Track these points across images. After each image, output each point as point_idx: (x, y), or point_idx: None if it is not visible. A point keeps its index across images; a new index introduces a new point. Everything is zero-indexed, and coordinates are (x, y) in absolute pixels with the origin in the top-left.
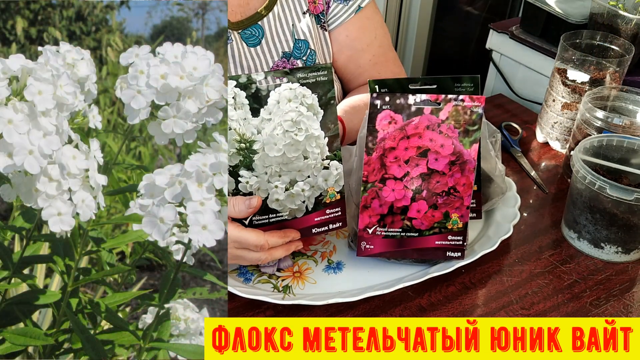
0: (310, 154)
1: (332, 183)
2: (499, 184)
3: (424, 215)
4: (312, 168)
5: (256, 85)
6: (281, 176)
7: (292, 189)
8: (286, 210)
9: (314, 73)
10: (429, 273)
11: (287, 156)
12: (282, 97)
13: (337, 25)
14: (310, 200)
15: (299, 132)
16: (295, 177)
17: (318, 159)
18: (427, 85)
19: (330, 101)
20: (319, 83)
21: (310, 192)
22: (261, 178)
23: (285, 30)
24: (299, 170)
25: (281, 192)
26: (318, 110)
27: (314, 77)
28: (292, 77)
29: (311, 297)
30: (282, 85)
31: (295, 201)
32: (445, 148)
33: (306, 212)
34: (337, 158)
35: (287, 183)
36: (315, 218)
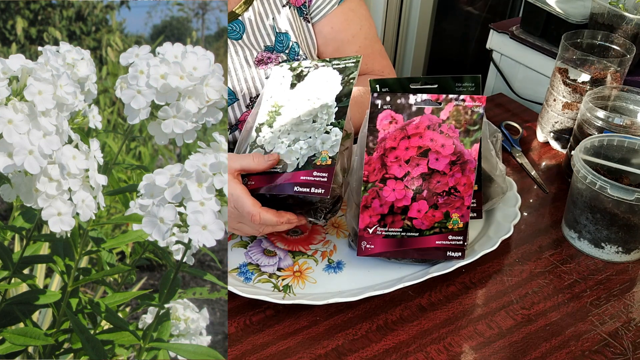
0: (318, 119)
1: (328, 147)
2: (499, 184)
3: (424, 215)
4: (316, 131)
5: (302, 68)
6: (289, 134)
7: (293, 146)
8: (281, 164)
9: (345, 60)
10: (429, 273)
11: (301, 118)
12: (317, 76)
13: (320, 17)
14: (303, 158)
15: (316, 100)
16: (299, 137)
17: (323, 124)
18: (428, 85)
19: (351, 80)
20: (346, 67)
21: (306, 151)
22: (274, 134)
23: (266, 24)
24: (304, 131)
25: (284, 147)
26: (338, 85)
27: (345, 63)
28: (329, 64)
29: (311, 296)
30: (320, 69)
31: (292, 157)
32: (446, 148)
33: (295, 168)
34: (339, 125)
35: (291, 140)
36: (301, 176)
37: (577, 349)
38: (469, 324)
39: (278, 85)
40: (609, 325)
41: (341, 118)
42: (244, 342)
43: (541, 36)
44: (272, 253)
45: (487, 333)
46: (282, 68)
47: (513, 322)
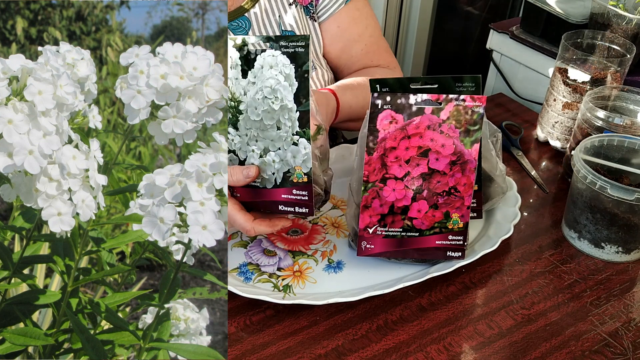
0: (282, 125)
1: (300, 162)
2: (499, 184)
3: (424, 215)
4: (283, 140)
5: (247, 48)
6: (257, 141)
7: (265, 157)
8: (259, 178)
9: (293, 43)
10: (429, 273)
11: (264, 123)
12: (266, 62)
13: (327, 16)
14: (279, 174)
15: (275, 100)
16: (268, 146)
17: (289, 132)
18: (428, 85)
19: (305, 74)
20: (296, 54)
21: (279, 165)
22: (242, 139)
23: (272, 21)
24: (271, 140)
25: (256, 157)
26: (293, 81)
27: (293, 47)
28: (276, 45)
29: (311, 296)
30: (266, 51)
31: (267, 170)
32: (446, 148)
33: (275, 185)
34: (305, 136)
35: (261, 150)
36: (282, 195)
37: (577, 349)
38: (469, 324)
39: (228, 69)
40: (609, 325)
41: (305, 126)
42: (244, 342)
43: (541, 36)
44: (272, 253)
45: (487, 333)
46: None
47: (513, 322)
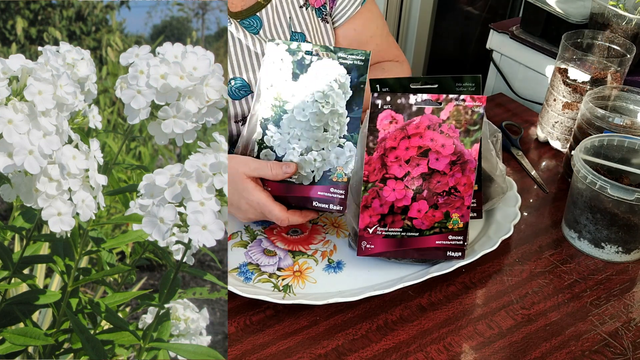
0: (330, 128)
1: (343, 163)
2: (499, 184)
3: (424, 215)
4: (329, 142)
5: (302, 54)
6: (300, 140)
7: (306, 155)
8: (296, 174)
9: (352, 56)
10: (430, 273)
11: (310, 124)
12: (321, 69)
13: (345, 20)
14: (318, 172)
15: (326, 105)
16: (312, 146)
17: (336, 135)
18: (429, 85)
19: (360, 85)
20: (354, 66)
21: (320, 164)
22: (284, 137)
23: (283, 22)
24: (316, 140)
25: (296, 155)
26: (348, 90)
27: (352, 59)
28: (334, 55)
29: (311, 296)
30: (324, 60)
31: (306, 168)
32: (446, 148)
33: (312, 182)
34: (352, 140)
35: (303, 148)
36: (319, 191)
37: (577, 349)
38: (469, 324)
39: (277, 71)
40: (609, 325)
41: (354, 131)
42: (244, 342)
43: (541, 36)
44: (272, 253)
45: (487, 333)
46: (279, 47)
47: (513, 322)
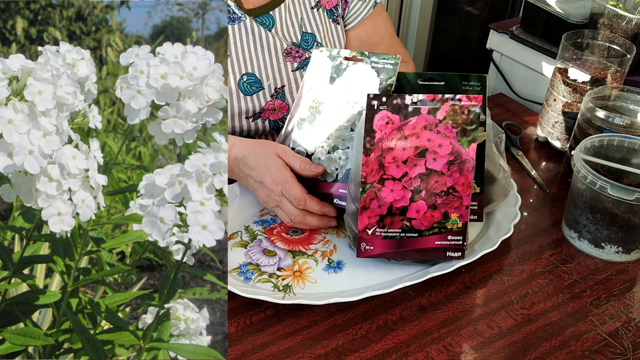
0: (357, 128)
1: None
2: (502, 186)
3: (423, 216)
4: (354, 141)
5: (341, 59)
6: (328, 139)
7: (332, 153)
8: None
9: (384, 60)
10: (430, 273)
11: (340, 123)
12: (355, 73)
13: (358, 22)
14: (342, 170)
15: (355, 105)
16: (338, 144)
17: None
18: (435, 81)
19: (388, 87)
20: (385, 69)
21: (344, 162)
22: (315, 136)
23: (294, 22)
24: (343, 139)
25: (324, 153)
26: (376, 91)
27: (383, 64)
28: (367, 59)
29: (311, 296)
30: (358, 64)
31: (332, 166)
32: (443, 148)
33: (335, 179)
34: None
35: (330, 147)
36: (340, 189)
37: (577, 349)
38: (469, 324)
39: (318, 75)
40: (609, 325)
41: None
42: (244, 342)
43: (541, 36)
44: (272, 253)
45: (487, 333)
46: (322, 54)
47: (513, 322)
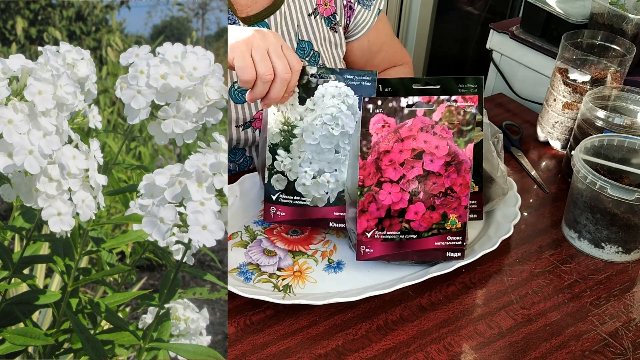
0: (341, 150)
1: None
2: (500, 185)
3: (422, 217)
4: (341, 163)
5: (308, 78)
6: (312, 163)
7: (319, 177)
8: (310, 197)
9: (359, 77)
10: (429, 273)
11: (321, 146)
12: (328, 92)
13: (363, 33)
14: (333, 193)
15: (335, 126)
16: (324, 168)
17: (348, 156)
18: (430, 85)
19: None
20: (362, 86)
21: (334, 186)
22: (294, 160)
23: (290, 30)
24: (328, 162)
25: (308, 178)
26: (356, 111)
27: (359, 81)
28: (340, 77)
29: (311, 296)
30: (329, 82)
31: (320, 190)
32: (440, 149)
33: (327, 203)
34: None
35: (315, 171)
36: (334, 212)
37: (577, 349)
38: (469, 324)
39: None
40: (609, 325)
41: None
42: (244, 342)
43: (541, 36)
44: (272, 253)
45: (487, 333)
46: None
47: (513, 322)
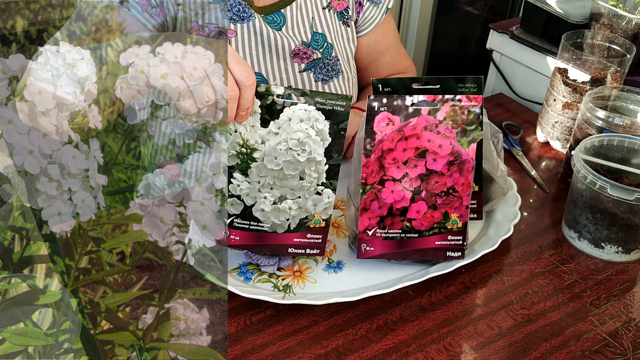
0: (307, 176)
1: (321, 210)
2: (500, 185)
3: (423, 216)
4: (305, 190)
5: (273, 98)
6: (272, 189)
7: (279, 204)
8: (268, 223)
9: (332, 101)
10: (430, 273)
11: (284, 172)
12: (295, 115)
13: (372, 29)
14: (294, 220)
15: (302, 152)
16: (286, 194)
17: (313, 183)
18: (430, 85)
19: (341, 132)
20: (335, 112)
21: (296, 212)
22: (253, 185)
23: (305, 21)
24: (291, 189)
25: (268, 204)
26: (326, 137)
27: (332, 105)
28: (310, 100)
29: (311, 296)
30: (298, 105)
31: (280, 217)
32: (443, 148)
33: (288, 230)
34: (332, 187)
35: (276, 197)
36: (294, 238)
37: (577, 349)
38: (469, 324)
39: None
40: (609, 325)
41: (333, 178)
42: (244, 342)
43: (541, 36)
44: None
45: (487, 333)
46: None
47: (513, 322)
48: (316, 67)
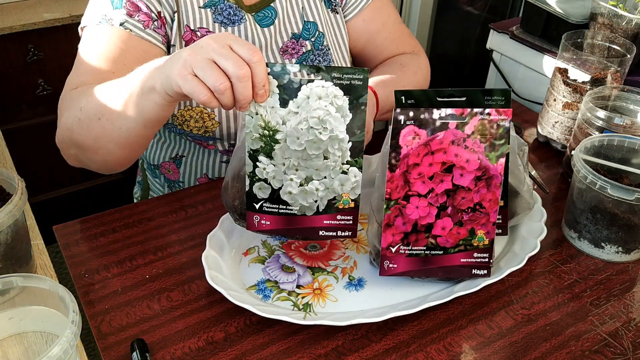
0: (331, 155)
1: (348, 189)
2: (526, 199)
3: (449, 233)
4: (331, 170)
5: (289, 77)
6: (298, 170)
7: (306, 185)
8: (297, 205)
9: (349, 75)
10: (455, 292)
11: (308, 152)
12: (313, 93)
13: (356, 13)
14: (322, 201)
15: (323, 131)
16: (312, 175)
17: (338, 162)
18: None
19: (361, 106)
20: (352, 86)
21: (324, 193)
22: (278, 168)
23: (295, 11)
24: (316, 169)
25: (295, 186)
26: (347, 113)
27: (349, 79)
28: (326, 75)
29: (333, 316)
30: (315, 82)
31: (308, 198)
32: (470, 163)
33: (317, 212)
34: (357, 165)
35: (302, 179)
36: (324, 220)
37: (577, 349)
38: (469, 324)
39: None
40: (609, 325)
41: (358, 156)
42: (244, 342)
43: (541, 36)
44: (291, 269)
45: (487, 333)
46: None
47: (513, 322)
48: (307, 60)
